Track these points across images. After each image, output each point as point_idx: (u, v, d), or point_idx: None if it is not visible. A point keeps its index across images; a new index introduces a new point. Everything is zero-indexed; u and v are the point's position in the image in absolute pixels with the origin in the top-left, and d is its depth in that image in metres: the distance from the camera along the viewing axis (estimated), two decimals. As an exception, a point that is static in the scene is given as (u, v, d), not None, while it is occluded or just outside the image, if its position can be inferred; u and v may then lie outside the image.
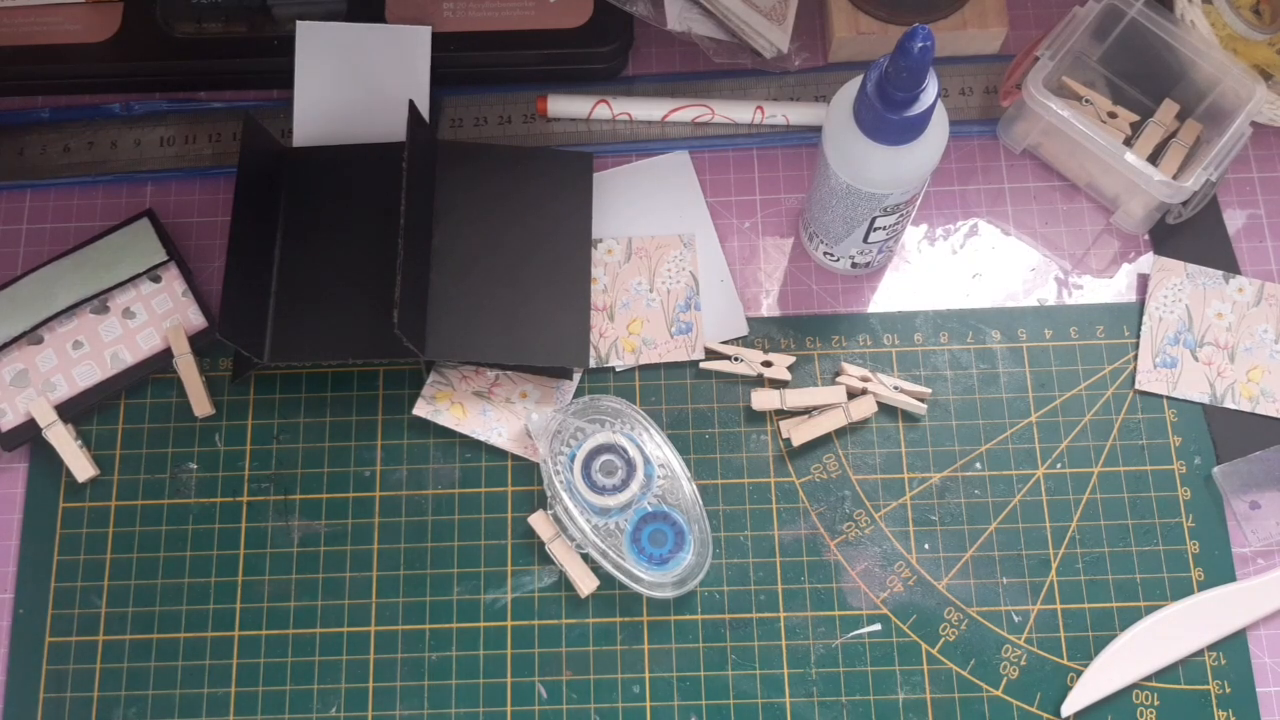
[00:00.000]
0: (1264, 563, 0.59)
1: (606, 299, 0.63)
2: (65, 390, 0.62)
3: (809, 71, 0.67)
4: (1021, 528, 0.60)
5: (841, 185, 0.54)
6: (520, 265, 0.62)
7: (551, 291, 0.62)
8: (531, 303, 0.61)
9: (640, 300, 0.63)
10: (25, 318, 0.62)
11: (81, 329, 0.63)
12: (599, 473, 0.59)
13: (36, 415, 0.61)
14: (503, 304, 0.61)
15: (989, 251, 0.65)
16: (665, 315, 0.63)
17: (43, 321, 0.62)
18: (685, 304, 0.63)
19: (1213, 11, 0.63)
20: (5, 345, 0.62)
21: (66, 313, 0.62)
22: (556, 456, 0.59)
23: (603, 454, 0.59)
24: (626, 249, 0.64)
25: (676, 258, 0.64)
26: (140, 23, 0.67)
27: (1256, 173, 0.66)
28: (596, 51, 0.66)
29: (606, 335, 0.63)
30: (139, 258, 0.63)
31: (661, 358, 0.62)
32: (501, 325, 0.61)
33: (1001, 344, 0.63)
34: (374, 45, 0.65)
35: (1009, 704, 0.57)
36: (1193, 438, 0.61)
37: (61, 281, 0.63)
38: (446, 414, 0.61)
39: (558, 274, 0.62)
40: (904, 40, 0.47)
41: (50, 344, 0.62)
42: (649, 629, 0.59)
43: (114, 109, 0.68)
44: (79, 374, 0.62)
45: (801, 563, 0.60)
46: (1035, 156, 0.66)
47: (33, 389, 0.62)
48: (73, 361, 0.62)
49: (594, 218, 0.64)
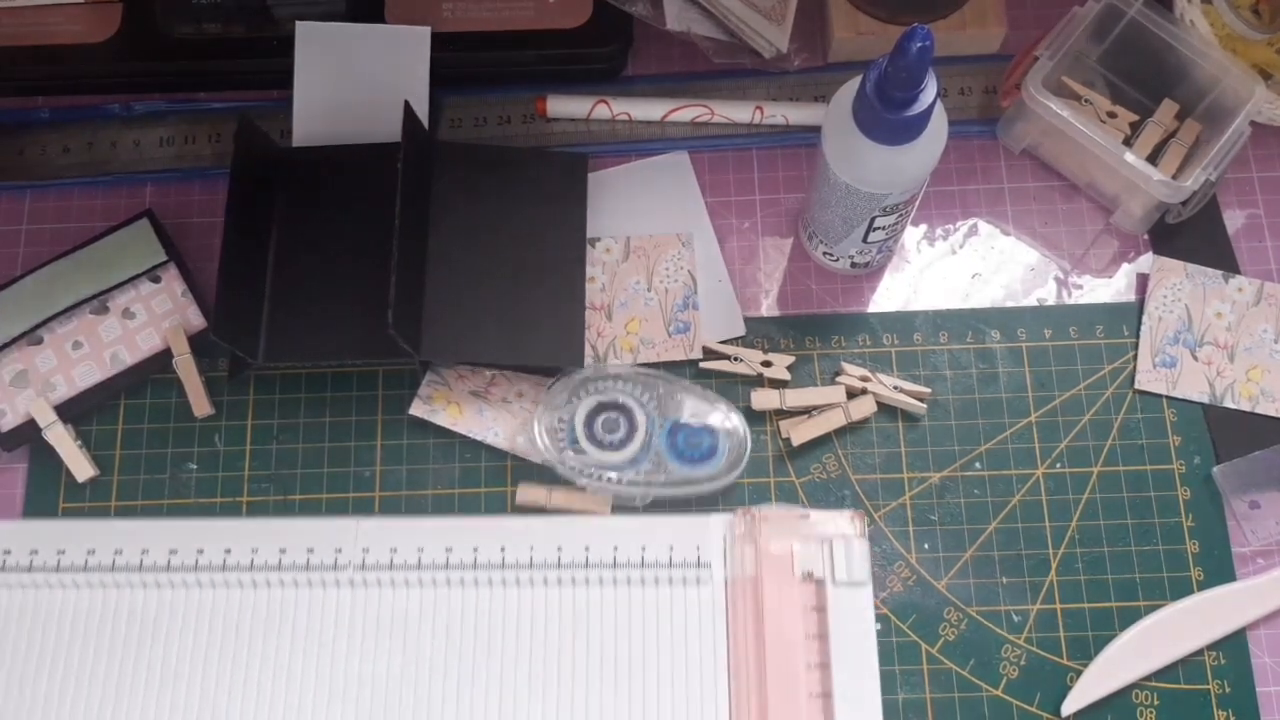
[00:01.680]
0: (1264, 562, 0.59)
1: (604, 298, 0.63)
2: (65, 390, 0.62)
3: (808, 71, 0.67)
4: (1021, 527, 0.60)
5: (841, 185, 0.54)
6: (516, 266, 0.62)
7: (547, 292, 0.62)
8: (527, 303, 0.61)
9: (638, 299, 0.63)
10: (25, 318, 0.62)
11: (81, 329, 0.63)
12: (602, 430, 0.59)
13: (36, 415, 0.61)
14: (498, 305, 0.61)
15: (988, 251, 0.65)
16: (663, 314, 0.63)
17: (42, 322, 0.62)
18: (683, 303, 0.63)
19: (1212, 11, 0.63)
20: (5, 345, 0.62)
21: (66, 313, 0.62)
22: (556, 434, 0.59)
23: (600, 414, 0.59)
24: (625, 248, 0.64)
25: (675, 257, 0.64)
26: (140, 23, 0.67)
27: (1256, 172, 0.66)
28: (596, 52, 0.66)
29: (604, 334, 0.63)
30: (138, 258, 0.63)
31: (659, 357, 0.62)
32: (497, 326, 0.61)
33: (1001, 344, 0.63)
34: (373, 46, 0.65)
35: (1009, 703, 0.57)
36: (1192, 438, 0.61)
37: (61, 282, 0.63)
38: (443, 414, 0.61)
39: (553, 275, 0.62)
40: (903, 40, 0.47)
41: (50, 344, 0.62)
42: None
43: (114, 109, 0.68)
44: (79, 374, 0.62)
45: (801, 562, 0.60)
46: (1035, 156, 0.66)
47: (32, 389, 0.62)
48: (72, 362, 0.62)
49: (592, 217, 0.64)
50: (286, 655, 0.56)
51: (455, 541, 0.58)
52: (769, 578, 0.56)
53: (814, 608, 0.56)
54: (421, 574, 0.57)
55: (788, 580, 0.56)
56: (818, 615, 0.56)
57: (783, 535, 0.57)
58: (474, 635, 0.57)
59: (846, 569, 0.56)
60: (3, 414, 0.61)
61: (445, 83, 0.67)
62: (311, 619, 0.57)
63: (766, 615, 0.56)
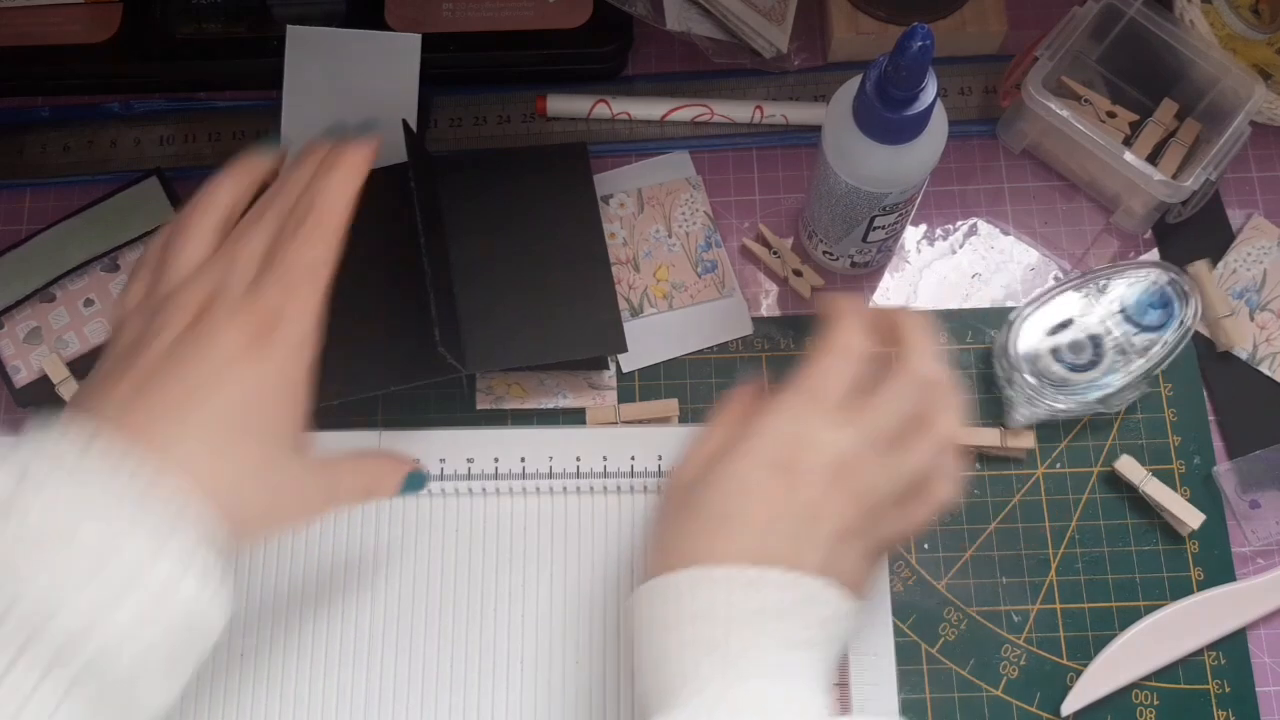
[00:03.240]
0: (1264, 562, 0.59)
1: (628, 251, 0.64)
2: (77, 347, 0.62)
3: (808, 71, 0.67)
4: (1021, 527, 0.60)
5: (841, 184, 0.54)
6: (538, 262, 0.62)
7: (574, 283, 0.62)
8: (558, 297, 0.61)
9: (661, 246, 0.64)
10: (37, 276, 0.63)
11: (92, 286, 0.63)
12: (1067, 347, 0.59)
13: (50, 372, 0.61)
14: (531, 305, 0.61)
15: (988, 251, 0.65)
16: (689, 257, 0.64)
17: (54, 279, 0.63)
18: (705, 243, 0.64)
19: (1212, 11, 0.63)
20: (18, 303, 0.62)
21: (77, 271, 0.63)
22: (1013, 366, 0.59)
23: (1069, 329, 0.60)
24: (638, 200, 0.65)
25: (688, 200, 0.65)
26: (140, 23, 0.67)
27: (1256, 172, 0.66)
28: (596, 51, 0.66)
29: (635, 286, 0.63)
30: (148, 216, 0.64)
31: (694, 299, 0.63)
32: (533, 326, 0.60)
33: (1001, 344, 0.63)
34: (364, 52, 0.65)
35: (1008, 703, 0.57)
36: (1192, 438, 0.61)
37: (72, 240, 0.63)
38: (507, 397, 0.62)
39: (576, 263, 0.62)
40: (903, 39, 0.47)
41: (62, 301, 0.63)
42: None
43: (114, 108, 0.68)
44: (90, 331, 0.63)
45: (801, 562, 0.59)
46: (1035, 156, 0.66)
47: (45, 346, 0.62)
48: (84, 319, 0.63)
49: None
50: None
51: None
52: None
53: None
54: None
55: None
56: None
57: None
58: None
59: None
60: (17, 370, 0.62)
61: (444, 83, 0.67)
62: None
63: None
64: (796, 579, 0.44)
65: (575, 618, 0.57)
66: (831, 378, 0.48)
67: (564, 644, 0.57)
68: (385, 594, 0.58)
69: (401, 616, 0.57)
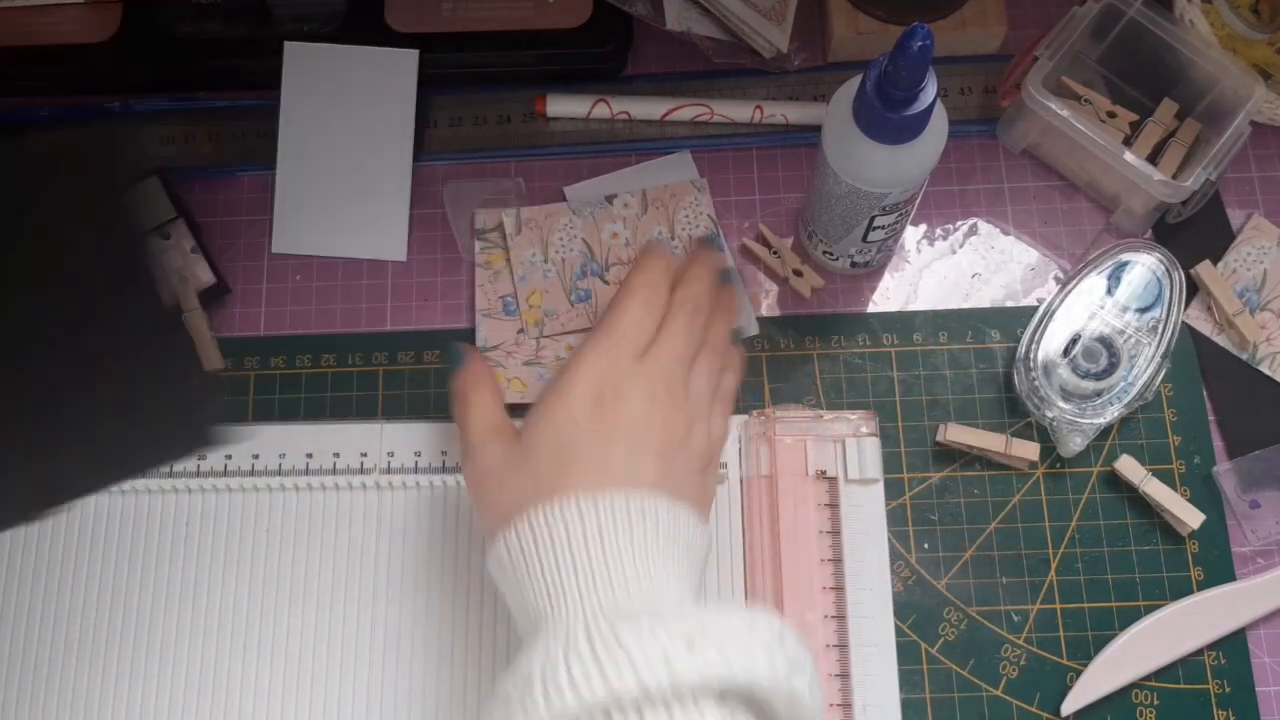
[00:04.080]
0: (1264, 562, 0.59)
1: (630, 252, 0.64)
2: None
3: (808, 71, 0.67)
4: (1021, 527, 0.60)
5: (841, 184, 0.54)
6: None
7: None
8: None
9: (665, 249, 0.64)
10: None
11: None
12: (1082, 359, 0.60)
13: None
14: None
15: (988, 251, 0.65)
16: None
17: None
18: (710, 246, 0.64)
19: (1212, 11, 0.63)
20: None
21: None
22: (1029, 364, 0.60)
23: (1079, 343, 0.60)
24: (642, 201, 0.65)
25: (692, 203, 0.65)
26: (140, 23, 0.67)
27: (1256, 172, 0.66)
28: (595, 51, 0.66)
29: None
30: (149, 216, 0.63)
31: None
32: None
33: (1001, 344, 0.63)
34: (362, 67, 0.65)
35: (1008, 703, 0.57)
36: (1192, 438, 0.61)
37: None
38: (509, 392, 0.62)
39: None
40: (903, 39, 0.47)
41: None
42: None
43: (114, 108, 0.68)
44: None
45: (801, 562, 0.60)
46: (1034, 156, 0.66)
47: None
48: None
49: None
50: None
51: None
52: (783, 476, 0.58)
53: (827, 504, 0.58)
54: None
55: (801, 478, 0.58)
56: (830, 511, 0.58)
57: (796, 435, 0.59)
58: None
59: (859, 466, 0.58)
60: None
61: (444, 83, 0.67)
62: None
63: (781, 512, 0.58)
64: (636, 495, 0.48)
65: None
66: (630, 316, 0.53)
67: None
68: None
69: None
